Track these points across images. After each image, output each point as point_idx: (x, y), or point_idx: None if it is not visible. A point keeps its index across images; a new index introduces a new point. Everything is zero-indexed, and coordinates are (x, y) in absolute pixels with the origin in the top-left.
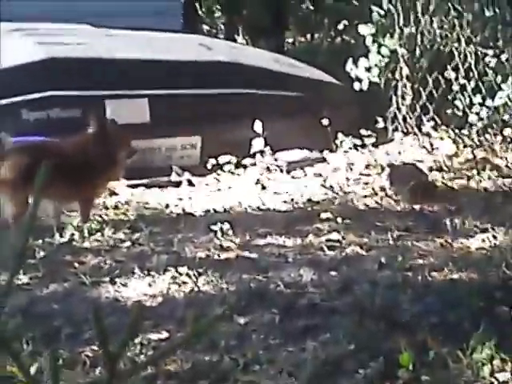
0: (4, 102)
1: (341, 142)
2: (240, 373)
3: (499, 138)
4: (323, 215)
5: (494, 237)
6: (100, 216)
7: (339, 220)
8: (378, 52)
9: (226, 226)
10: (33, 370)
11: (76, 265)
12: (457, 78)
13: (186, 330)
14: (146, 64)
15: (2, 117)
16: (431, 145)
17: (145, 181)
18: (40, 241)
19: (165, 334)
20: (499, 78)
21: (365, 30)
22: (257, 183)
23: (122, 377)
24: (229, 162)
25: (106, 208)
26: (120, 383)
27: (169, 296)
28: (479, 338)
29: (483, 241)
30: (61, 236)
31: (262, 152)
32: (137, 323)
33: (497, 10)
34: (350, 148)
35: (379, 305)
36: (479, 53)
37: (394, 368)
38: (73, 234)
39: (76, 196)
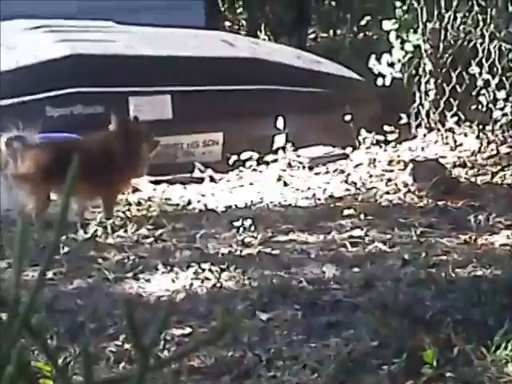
0: (28, 98)
1: (363, 138)
2: (263, 368)
3: None
4: (346, 212)
5: None
6: (123, 212)
7: (362, 216)
8: (402, 48)
9: (248, 222)
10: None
11: (100, 260)
12: (480, 74)
13: (210, 326)
14: (169, 60)
15: (26, 113)
16: (455, 141)
17: (167, 177)
18: (64, 237)
19: (188, 330)
20: None
21: (388, 25)
22: (279, 179)
23: (153, 370)
24: (251, 159)
25: (129, 204)
26: (151, 376)
27: (191, 292)
28: (503, 335)
29: (508, 237)
30: (84, 232)
31: (284, 148)
32: (168, 317)
33: None
34: (373, 144)
35: (402, 301)
36: (503, 48)
37: (418, 365)
38: (96, 230)
39: (99, 193)
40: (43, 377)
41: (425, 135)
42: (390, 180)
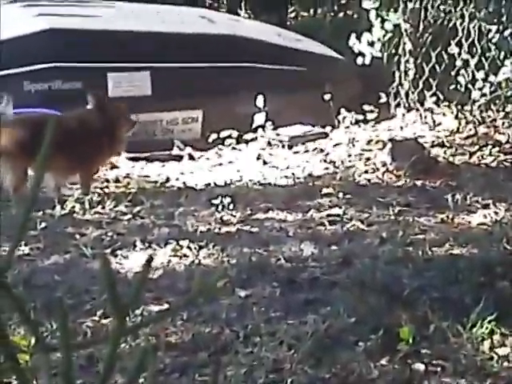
0: (5, 73)
1: (343, 117)
2: (240, 345)
3: (502, 114)
4: (324, 190)
5: (496, 212)
6: (101, 189)
7: (340, 195)
8: (382, 27)
9: (227, 200)
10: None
11: (77, 237)
12: (460, 54)
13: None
14: (148, 36)
15: (3, 88)
16: (433, 121)
17: (146, 154)
18: (41, 212)
19: (166, 306)
20: (502, 54)
21: (368, 4)
22: (258, 158)
23: (129, 332)
24: (230, 137)
25: (107, 181)
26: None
27: (170, 268)
28: (479, 313)
29: (484, 216)
30: (62, 208)
31: (263, 127)
32: (146, 276)
33: None
34: (352, 123)
35: (380, 279)
36: (483, 28)
37: (394, 341)
38: (74, 207)
39: (77, 169)
40: (20, 351)
41: (404, 115)
42: (368, 159)
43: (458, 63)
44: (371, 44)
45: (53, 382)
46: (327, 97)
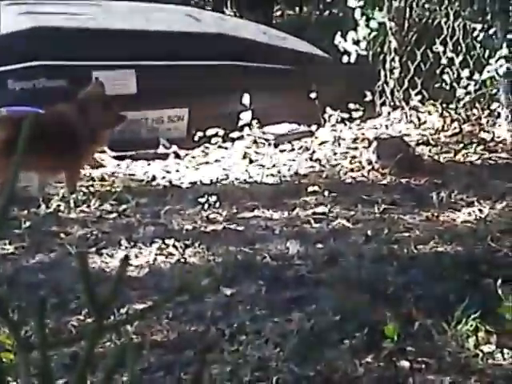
0: None
1: (329, 115)
2: (226, 343)
3: (486, 112)
4: (310, 188)
5: (480, 210)
6: (86, 187)
7: (326, 193)
8: (367, 25)
9: (213, 198)
10: None
11: (62, 235)
12: (445, 52)
13: (173, 301)
14: (134, 35)
15: None
16: (418, 119)
17: (131, 153)
18: (26, 211)
19: (150, 304)
20: (487, 52)
21: (353, 2)
22: (244, 156)
23: (108, 329)
24: (216, 135)
25: (93, 179)
26: (106, 334)
27: (155, 267)
28: (464, 310)
29: (469, 214)
30: (47, 207)
31: (249, 125)
32: (123, 275)
33: None
34: (338, 122)
35: (365, 277)
36: (467, 27)
37: (379, 339)
38: (59, 205)
39: (61, 167)
40: (4, 350)
41: (389, 113)
42: (354, 157)
43: (443, 61)
44: (356, 42)
45: (32, 381)
46: (313, 95)
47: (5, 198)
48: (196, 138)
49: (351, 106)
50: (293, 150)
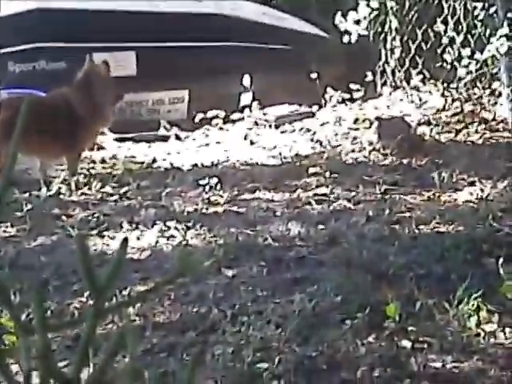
0: None
1: (330, 96)
2: (228, 324)
3: (487, 91)
4: (311, 170)
5: (481, 190)
6: (87, 170)
7: (327, 174)
8: (367, 5)
9: (214, 180)
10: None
11: (63, 218)
12: (446, 31)
13: (175, 283)
14: (134, 16)
15: None
16: (420, 99)
17: (132, 135)
18: (27, 194)
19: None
20: (488, 31)
21: None
22: (245, 138)
23: (107, 312)
24: (217, 117)
25: (93, 162)
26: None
27: (157, 249)
28: (465, 290)
29: (470, 194)
30: (48, 189)
31: (250, 107)
32: (122, 258)
33: None
34: (339, 102)
35: (366, 257)
36: (468, 6)
37: (381, 319)
38: (60, 188)
39: (63, 149)
40: (7, 332)
41: (390, 93)
42: (355, 138)
43: (444, 41)
44: (357, 22)
45: (33, 364)
46: (314, 76)
47: (4, 181)
48: (196, 120)
49: (352, 86)
50: (294, 131)
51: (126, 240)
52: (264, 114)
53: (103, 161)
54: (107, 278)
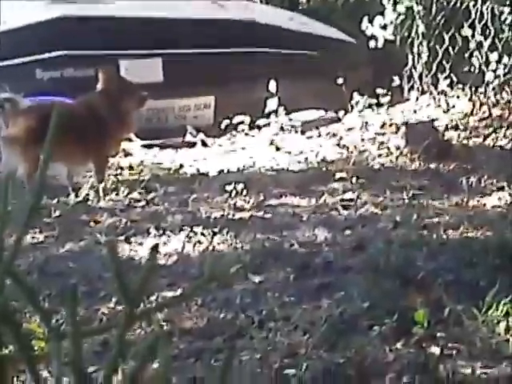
0: (17, 61)
1: (356, 101)
2: (255, 330)
3: None
4: (338, 175)
5: (510, 195)
6: (115, 176)
7: (354, 180)
8: (394, 9)
9: (241, 186)
10: None
11: (91, 224)
12: (473, 36)
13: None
14: (160, 23)
15: (16, 77)
16: (447, 103)
17: (159, 141)
18: (55, 200)
19: (179, 292)
20: None
21: None
22: (271, 143)
23: (139, 318)
24: (243, 122)
25: (121, 168)
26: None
27: (184, 255)
28: (494, 296)
29: (499, 199)
30: (76, 196)
31: (276, 112)
32: (154, 264)
33: None
34: (365, 107)
35: (394, 263)
36: (495, 10)
37: (409, 325)
38: (88, 194)
39: (90, 156)
40: (36, 338)
41: (417, 98)
42: (382, 143)
43: (472, 45)
44: (384, 27)
45: (64, 370)
46: (340, 81)
47: (37, 187)
48: (222, 126)
49: (379, 91)
50: (320, 136)
51: (156, 246)
52: (290, 120)
53: (130, 167)
54: (139, 284)
